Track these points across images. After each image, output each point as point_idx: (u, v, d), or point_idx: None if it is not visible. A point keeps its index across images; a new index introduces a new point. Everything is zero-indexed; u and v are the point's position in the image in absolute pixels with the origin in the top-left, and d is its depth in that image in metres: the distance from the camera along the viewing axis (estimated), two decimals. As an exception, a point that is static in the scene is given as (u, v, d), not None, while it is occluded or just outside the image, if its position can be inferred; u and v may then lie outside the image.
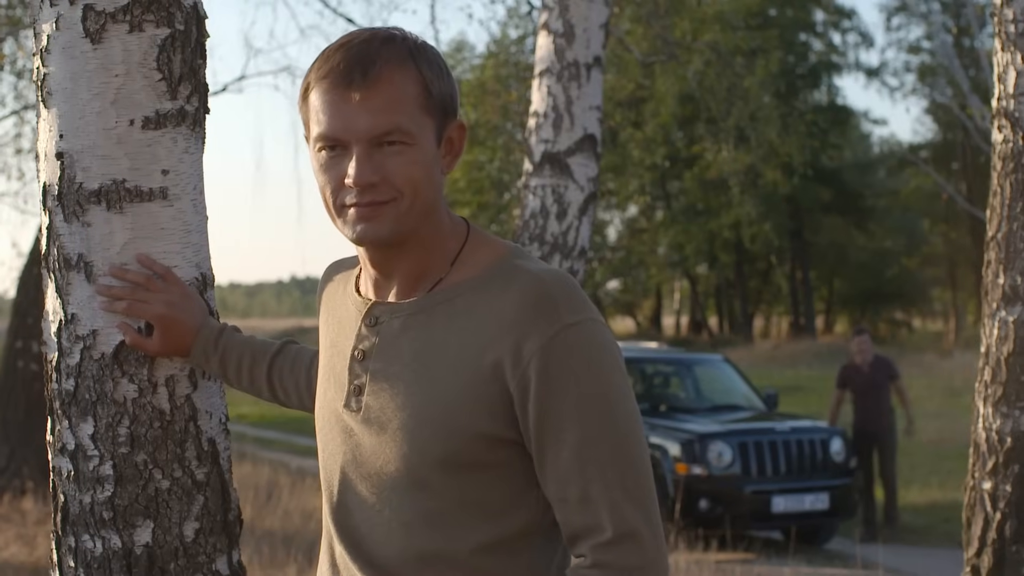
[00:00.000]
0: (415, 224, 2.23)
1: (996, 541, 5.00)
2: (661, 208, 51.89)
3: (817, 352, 41.83)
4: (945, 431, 20.42)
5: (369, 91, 2.16)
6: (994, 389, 5.03)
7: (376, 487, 2.26)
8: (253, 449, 18.04)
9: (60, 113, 2.73)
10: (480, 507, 2.22)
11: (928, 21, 36.91)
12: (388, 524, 2.24)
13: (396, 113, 2.17)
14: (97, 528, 2.73)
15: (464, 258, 2.29)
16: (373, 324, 2.30)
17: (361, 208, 2.19)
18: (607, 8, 6.97)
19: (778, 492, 12.28)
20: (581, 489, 2.13)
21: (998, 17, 5.11)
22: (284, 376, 2.79)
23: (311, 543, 10.05)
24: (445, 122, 2.26)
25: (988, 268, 5.10)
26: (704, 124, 27.49)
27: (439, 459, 2.19)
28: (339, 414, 2.33)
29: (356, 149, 2.17)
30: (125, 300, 2.70)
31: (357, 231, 2.21)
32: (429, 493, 2.21)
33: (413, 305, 2.27)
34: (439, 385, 2.19)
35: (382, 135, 2.17)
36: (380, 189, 2.18)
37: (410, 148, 2.19)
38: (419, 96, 2.20)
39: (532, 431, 2.16)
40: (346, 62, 2.18)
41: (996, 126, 5.11)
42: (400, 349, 2.26)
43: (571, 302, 2.18)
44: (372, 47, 2.19)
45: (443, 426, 2.18)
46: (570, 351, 2.14)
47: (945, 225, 54.39)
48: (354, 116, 2.16)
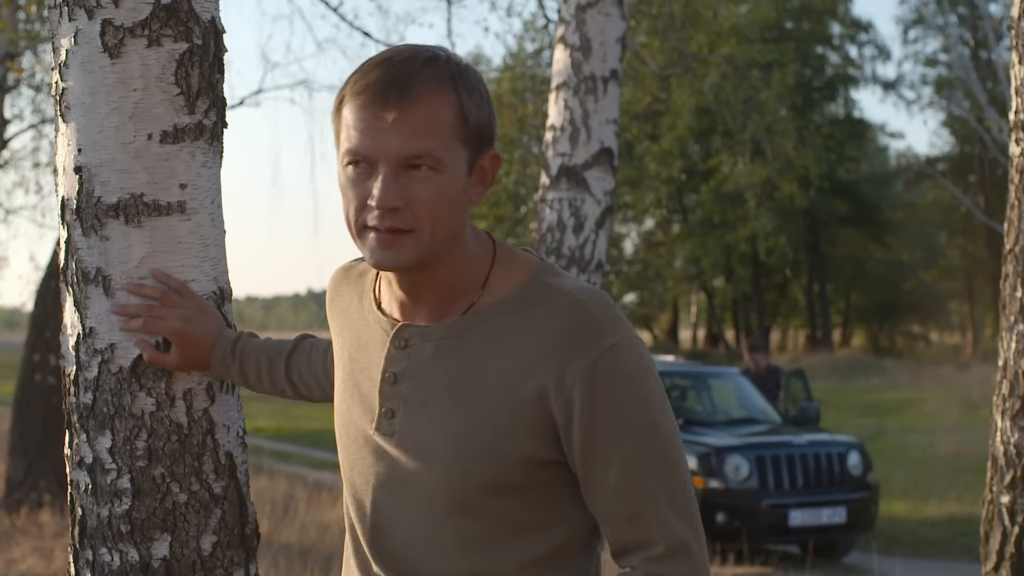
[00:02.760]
0: (437, 253, 2.20)
1: (1014, 555, 4.98)
2: (678, 221, 51.88)
3: (835, 365, 41.78)
4: (963, 444, 20.37)
5: (403, 112, 2.11)
6: (1012, 402, 5.01)
7: (415, 510, 2.25)
8: (270, 462, 18.03)
9: (78, 127, 2.73)
10: (522, 526, 2.23)
11: (945, 34, 36.81)
12: (429, 546, 2.24)
13: (428, 138, 2.12)
14: (115, 542, 2.73)
15: (494, 278, 2.26)
16: (403, 347, 2.27)
17: (381, 234, 2.15)
18: (624, 21, 6.97)
19: (795, 506, 12.25)
20: (630, 506, 2.16)
21: (1015, 30, 5.10)
22: (303, 372, 2.78)
23: (328, 556, 10.05)
24: (480, 151, 2.22)
25: (1006, 281, 5.09)
26: (720, 137, 27.46)
27: (483, 483, 2.19)
28: (368, 436, 2.31)
29: (383, 170, 2.13)
30: (141, 317, 2.71)
31: (376, 257, 2.17)
32: (472, 515, 2.21)
33: (446, 328, 2.24)
34: (481, 411, 2.19)
35: (411, 158, 2.12)
36: (402, 216, 2.13)
37: (438, 176, 2.14)
38: (455, 123, 2.15)
39: (578, 452, 2.17)
40: (384, 80, 2.14)
41: (1013, 139, 5.10)
42: (435, 374, 2.23)
43: (611, 322, 2.17)
44: (412, 67, 2.15)
45: (487, 452, 2.18)
46: (613, 372, 2.15)
47: (962, 238, 54.29)
48: (385, 136, 2.12)
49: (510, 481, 2.20)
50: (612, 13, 6.91)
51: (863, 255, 55.56)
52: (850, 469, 12.70)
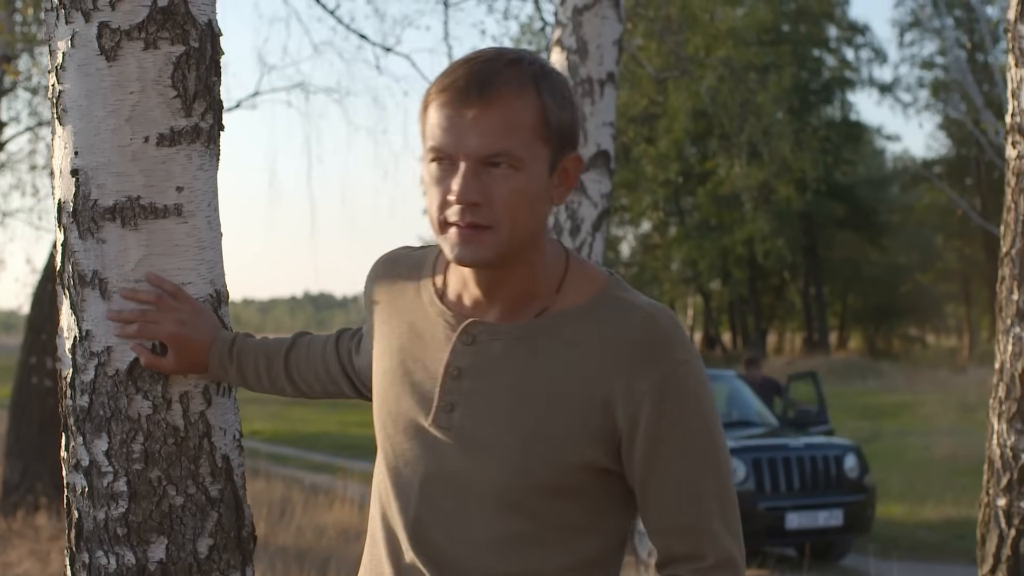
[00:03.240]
0: (516, 251, 2.22)
1: (1011, 558, 4.98)
2: (674, 224, 51.89)
3: (831, 367, 41.78)
4: (960, 447, 20.37)
5: (484, 110, 2.15)
6: (1008, 405, 5.02)
7: (464, 504, 2.27)
8: (267, 465, 18.03)
9: (75, 130, 2.74)
10: (567, 530, 2.26)
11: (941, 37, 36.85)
12: (475, 542, 2.26)
13: (508, 137, 2.15)
14: (111, 544, 2.73)
15: (568, 286, 2.30)
16: (470, 343, 2.29)
17: (462, 230, 2.17)
18: (620, 24, 6.98)
19: (792, 508, 12.25)
20: (685, 519, 2.23)
21: (1012, 33, 5.11)
22: (302, 369, 2.77)
23: (324, 559, 10.05)
24: (561, 153, 2.24)
25: (1002, 284, 5.09)
26: (717, 140, 27.48)
27: (538, 484, 2.22)
28: (421, 427, 2.31)
29: (463, 166, 2.16)
30: (136, 323, 2.71)
31: (457, 252, 2.19)
32: (521, 515, 2.24)
33: (518, 329, 2.27)
34: (547, 413, 2.22)
35: (491, 156, 2.15)
36: (481, 211, 2.16)
37: (518, 174, 2.17)
38: (535, 123, 2.18)
39: (639, 463, 2.22)
40: (466, 79, 2.17)
41: (1010, 142, 5.11)
42: (502, 373, 2.26)
43: (681, 339, 2.24)
44: (495, 66, 2.18)
45: (548, 454, 2.21)
46: (681, 389, 2.21)
47: (959, 241, 54.33)
48: (466, 133, 2.15)
49: (564, 485, 2.23)
50: (609, 16, 6.91)
51: (860, 258, 55.59)
52: (847, 472, 12.69)
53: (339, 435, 27.40)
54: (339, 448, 24.65)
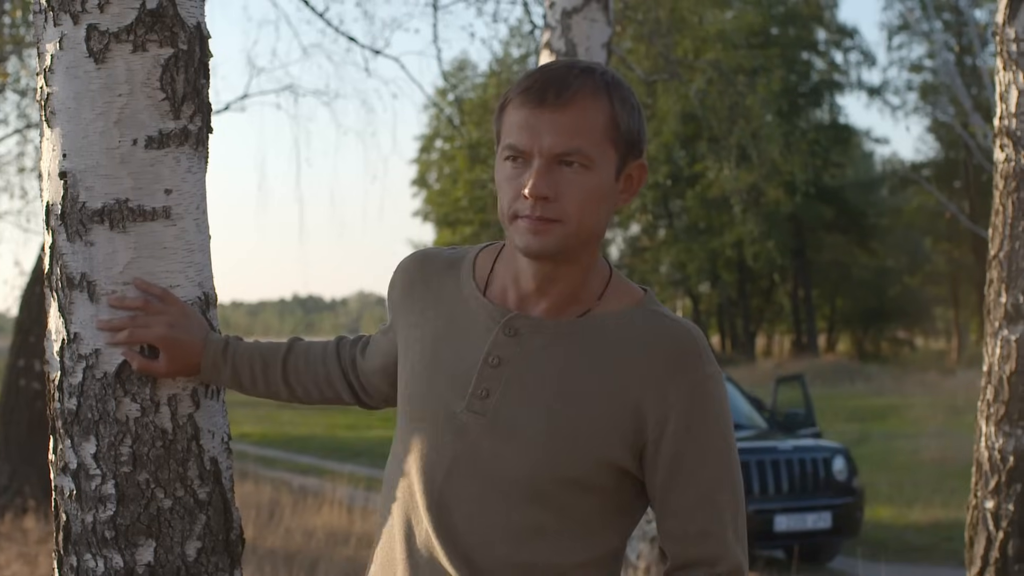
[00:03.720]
0: (579, 248, 2.36)
1: (999, 560, 4.99)
2: (663, 227, 51.90)
3: (820, 371, 41.79)
4: (948, 450, 20.39)
5: (559, 111, 2.29)
6: (996, 408, 5.02)
7: (489, 490, 2.35)
8: (255, 468, 18.00)
9: (63, 132, 2.73)
10: (580, 526, 2.36)
11: (930, 40, 36.86)
12: (493, 529, 2.35)
13: (580, 137, 2.29)
14: (99, 547, 2.73)
15: (610, 294, 2.43)
16: (512, 335, 2.40)
17: (532, 221, 2.30)
18: (609, 27, 6.98)
19: (780, 511, 12.24)
20: (703, 525, 2.35)
21: (1000, 36, 5.12)
22: (300, 374, 2.81)
23: (313, 561, 10.04)
24: (628, 158, 2.38)
25: (990, 287, 5.10)
26: (706, 143, 27.47)
27: (566, 476, 2.33)
28: (453, 412, 2.39)
29: (537, 163, 2.29)
30: (126, 328, 2.71)
31: (525, 242, 2.32)
32: (544, 506, 2.34)
33: (561, 326, 2.39)
34: (582, 408, 2.33)
35: (563, 154, 2.29)
36: (551, 206, 2.30)
37: (588, 172, 2.31)
38: (606, 126, 2.32)
39: (663, 467, 2.35)
40: (543, 82, 2.32)
41: (998, 145, 5.12)
42: (541, 365, 2.37)
43: (708, 355, 2.38)
44: (571, 73, 2.33)
45: (579, 447, 2.32)
46: (708, 400, 2.35)
47: (947, 244, 54.38)
48: (541, 131, 2.29)
49: (586, 480, 2.34)
50: (598, 19, 6.92)
51: (848, 261, 55.65)
52: (835, 474, 12.70)
53: (327, 438, 27.38)
54: (327, 451, 24.63)
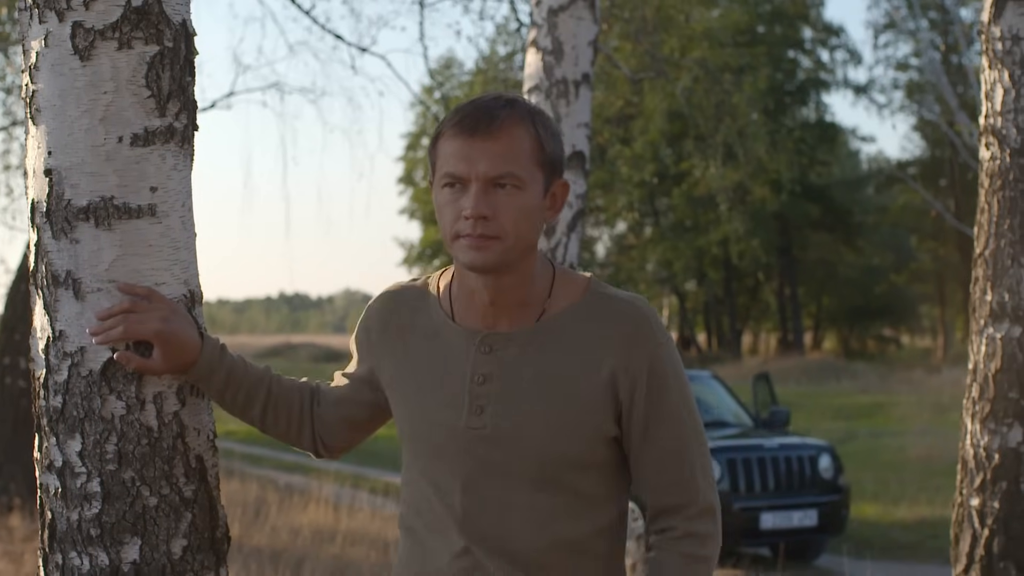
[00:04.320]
0: (517, 259, 2.61)
1: (984, 557, 5.00)
2: (650, 225, 51.90)
3: (806, 368, 41.84)
4: (934, 447, 20.42)
5: (491, 139, 2.54)
6: (982, 406, 5.03)
7: (506, 490, 2.61)
8: (241, 466, 17.99)
9: (49, 130, 2.73)
10: (592, 500, 2.65)
11: (916, 38, 36.91)
12: (518, 521, 2.61)
13: (511, 162, 2.55)
14: (84, 545, 2.73)
15: (557, 291, 2.69)
16: (488, 352, 2.65)
17: (473, 239, 2.54)
18: (596, 25, 6.98)
19: (767, 509, 12.25)
20: (675, 473, 2.65)
21: (986, 35, 5.13)
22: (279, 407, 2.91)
23: (299, 559, 10.03)
24: (552, 177, 2.64)
25: (976, 285, 5.11)
26: (692, 141, 27.47)
27: (569, 459, 2.61)
28: (458, 428, 2.64)
29: (475, 186, 2.54)
30: (120, 326, 2.70)
31: (469, 258, 2.56)
32: (556, 490, 2.61)
33: (526, 334, 2.65)
34: (567, 397, 2.61)
35: (497, 177, 2.54)
36: (489, 224, 2.54)
37: (520, 192, 2.56)
38: (533, 151, 2.59)
39: (637, 425, 2.63)
40: (474, 114, 2.56)
41: (984, 143, 5.13)
42: (520, 373, 2.63)
43: (659, 324, 2.67)
44: (498, 104, 2.58)
45: (575, 430, 2.60)
46: (666, 363, 2.64)
47: (933, 242, 54.44)
48: (476, 158, 2.54)
49: (589, 458, 2.63)
50: (584, 17, 6.92)
51: (834, 259, 55.68)
52: (821, 472, 12.70)
53: (314, 436, 27.31)
54: (314, 449, 24.56)
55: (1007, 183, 5.01)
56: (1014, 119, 5.02)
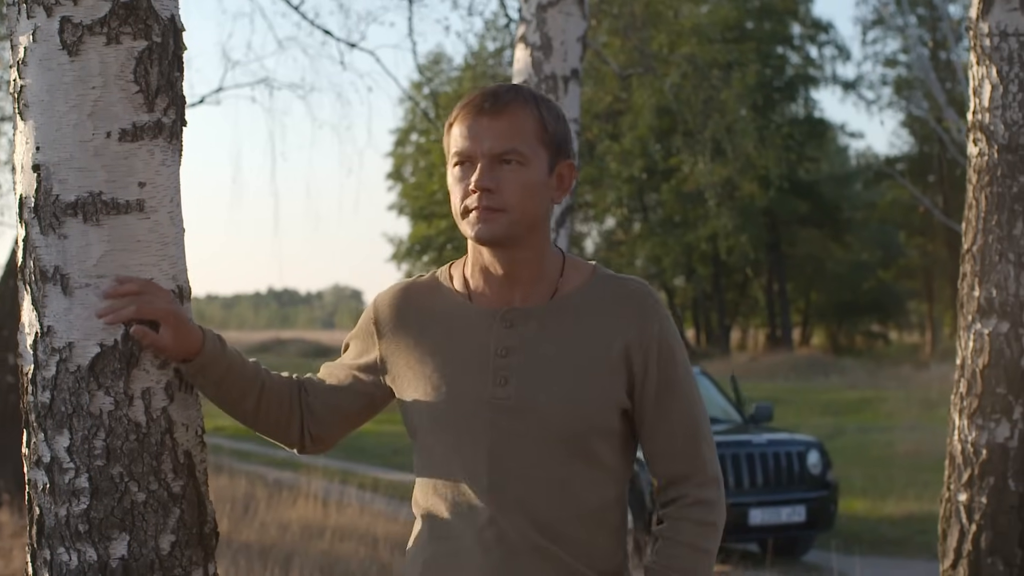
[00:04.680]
0: (523, 233, 2.75)
1: (972, 553, 5.01)
2: (638, 220, 51.91)
3: (794, 364, 41.89)
4: (922, 443, 20.44)
5: (495, 118, 2.70)
6: (969, 401, 5.04)
7: (533, 459, 2.72)
8: (230, 461, 17.97)
9: (37, 125, 2.73)
10: (608, 470, 2.78)
11: (904, 34, 36.91)
12: (546, 488, 2.72)
13: (515, 139, 2.70)
14: (73, 541, 2.73)
15: (567, 272, 2.84)
16: (509, 326, 2.78)
17: (480, 211, 2.69)
18: (584, 21, 6.99)
19: (755, 505, 12.25)
20: (684, 443, 2.80)
21: (974, 31, 5.14)
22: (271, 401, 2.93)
23: (287, 555, 10.02)
24: (558, 158, 2.79)
25: (964, 280, 5.12)
26: (681, 137, 27.46)
27: (590, 428, 2.73)
28: (483, 400, 2.75)
29: (481, 162, 2.69)
30: (133, 304, 2.72)
31: (476, 230, 2.70)
32: (579, 459, 2.73)
33: (543, 310, 2.79)
34: (586, 369, 2.74)
35: (502, 153, 2.69)
36: (495, 197, 2.69)
37: (523, 168, 2.71)
38: (536, 129, 2.73)
39: (651, 396, 2.78)
40: (480, 96, 2.74)
41: (971, 139, 5.14)
42: (541, 346, 2.76)
43: (659, 302, 2.85)
44: (502, 88, 2.76)
45: (594, 400, 2.73)
46: (671, 337, 2.81)
47: (921, 238, 54.50)
48: (482, 136, 2.70)
49: (606, 428, 2.76)
50: (573, 12, 6.92)
51: (823, 254, 55.71)
52: (809, 468, 12.72)
53: (303, 431, 27.29)
54: (302, 444, 24.55)
55: (995, 179, 5.02)
56: (1002, 115, 5.03)
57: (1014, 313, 4.97)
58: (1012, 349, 4.98)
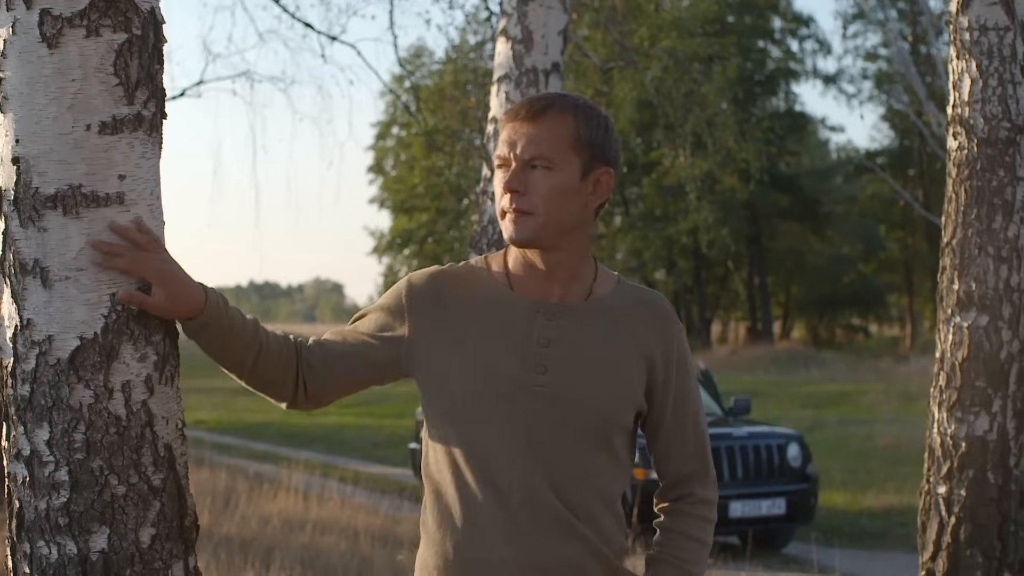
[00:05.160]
0: (553, 235, 2.87)
1: (951, 545, 5.03)
2: (619, 214, 51.90)
3: (775, 357, 41.97)
4: (901, 436, 20.51)
5: (530, 123, 2.83)
6: (949, 394, 5.06)
7: (564, 443, 2.86)
8: (211, 455, 17.96)
9: (16, 118, 2.72)
10: (622, 462, 2.96)
11: (885, 29, 36.97)
12: (575, 472, 2.86)
13: (544, 144, 2.82)
14: (52, 534, 2.72)
15: (599, 277, 3.00)
16: (551, 319, 2.91)
17: (512, 213, 2.83)
18: (565, 14, 6.98)
19: (735, 497, 12.27)
20: (695, 445, 3.04)
21: (954, 25, 5.15)
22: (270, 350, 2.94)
23: (268, 549, 10.01)
24: (592, 164, 2.88)
25: (943, 274, 5.14)
26: (662, 130, 27.44)
27: (614, 421, 2.91)
28: (523, 384, 2.86)
29: (514, 166, 2.82)
30: (124, 257, 2.72)
31: (509, 232, 2.84)
32: (603, 448, 2.90)
33: (582, 308, 2.93)
34: (617, 367, 2.91)
35: (531, 159, 2.81)
36: (523, 199, 2.82)
37: (552, 173, 2.82)
38: (568, 136, 2.84)
39: (670, 402, 2.98)
40: (522, 105, 2.86)
41: (951, 133, 5.15)
42: (579, 339, 2.90)
43: (675, 313, 3.03)
44: (545, 96, 2.88)
45: (619, 396, 2.91)
46: (684, 347, 3.02)
47: (902, 231, 54.63)
48: (517, 142, 2.83)
49: (623, 422, 2.93)
50: (554, 6, 6.92)
51: (803, 248, 55.82)
52: (790, 461, 12.74)
53: (283, 424, 27.33)
54: (283, 438, 24.58)
55: (974, 172, 5.03)
56: (981, 109, 5.05)
57: (993, 306, 4.99)
58: (991, 342, 5.00)
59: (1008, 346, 5.01)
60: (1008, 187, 5.02)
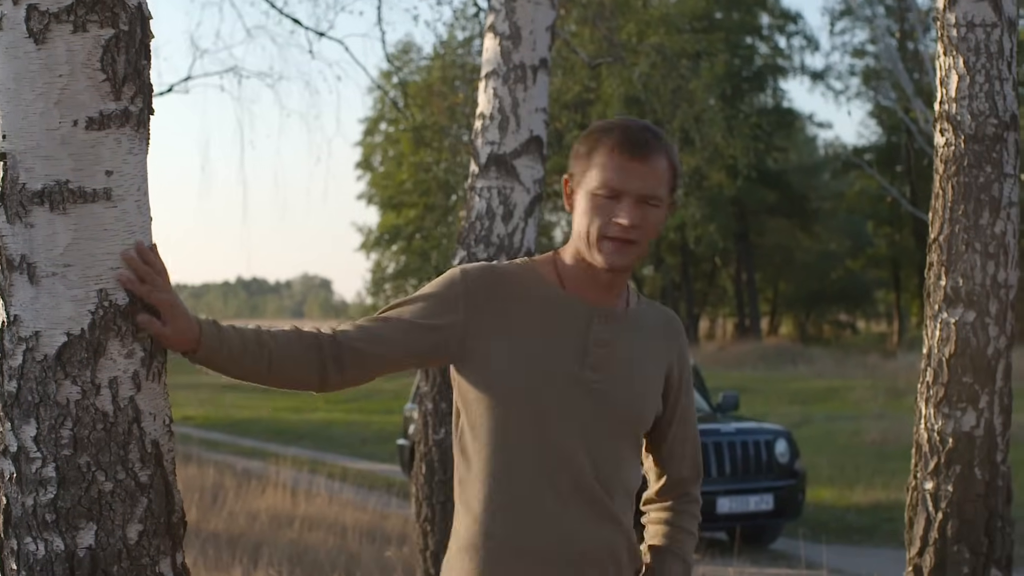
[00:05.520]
0: (638, 262, 3.12)
1: (938, 541, 5.04)
2: (607, 210, 51.89)
3: (763, 354, 42.03)
4: (889, 432, 20.54)
5: (645, 163, 3.00)
6: (936, 390, 5.07)
7: (609, 435, 3.08)
8: (199, 451, 17.95)
9: (3, 113, 2.72)
10: (639, 458, 3.22)
11: (872, 25, 36.99)
12: (613, 462, 3.08)
13: (658, 184, 3.02)
14: (40, 531, 2.72)
15: (630, 291, 3.23)
16: (605, 322, 3.10)
17: (618, 243, 3.00)
18: (553, 10, 6.98)
19: (723, 493, 12.28)
20: (694, 449, 3.32)
21: (941, 21, 5.15)
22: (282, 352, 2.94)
23: (256, 544, 10.01)
24: (673, 195, 3.11)
25: (931, 270, 5.14)
26: (650, 126, 27.52)
27: (644, 419, 3.16)
28: (578, 377, 3.06)
29: (628, 200, 2.99)
30: (147, 283, 2.76)
31: (611, 259, 3.01)
32: (631, 444, 3.15)
33: (627, 316, 3.16)
34: (649, 374, 3.16)
35: (647, 196, 3.00)
36: (635, 231, 3.00)
37: (658, 209, 3.04)
38: (669, 177, 3.06)
39: (678, 408, 3.25)
40: (632, 138, 3.01)
41: (939, 129, 5.16)
42: (625, 343, 3.13)
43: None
44: (647, 134, 3.03)
45: (650, 398, 3.16)
46: (688, 358, 3.28)
47: (889, 227, 54.68)
48: (633, 177, 2.98)
49: (649, 423, 3.18)
50: (542, 2, 6.91)
51: (791, 244, 55.91)
52: (777, 457, 12.75)
53: (271, 421, 27.34)
54: (271, 434, 24.58)
55: (961, 169, 5.04)
56: (968, 105, 5.05)
57: (980, 302, 5.00)
58: (978, 338, 5.01)
59: (995, 342, 5.02)
60: (995, 183, 5.03)
